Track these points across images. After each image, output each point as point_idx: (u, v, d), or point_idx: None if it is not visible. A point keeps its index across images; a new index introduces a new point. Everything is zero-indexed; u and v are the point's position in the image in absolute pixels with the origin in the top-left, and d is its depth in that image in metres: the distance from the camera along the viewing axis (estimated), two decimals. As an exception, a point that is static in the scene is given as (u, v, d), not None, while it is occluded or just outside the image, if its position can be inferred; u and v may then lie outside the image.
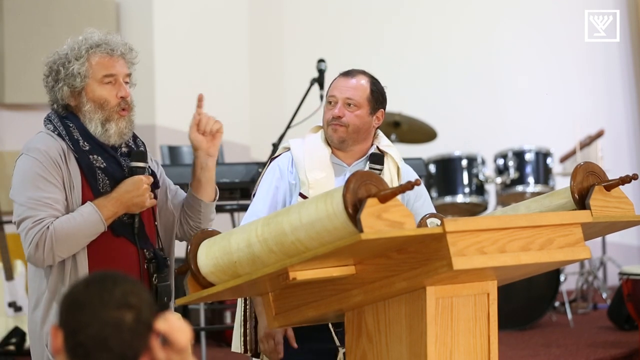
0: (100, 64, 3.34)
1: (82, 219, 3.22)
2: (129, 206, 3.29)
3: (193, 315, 6.49)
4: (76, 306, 2.00)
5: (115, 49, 3.37)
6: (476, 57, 9.04)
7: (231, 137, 8.01)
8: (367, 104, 3.71)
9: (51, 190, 3.23)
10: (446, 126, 8.23)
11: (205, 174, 3.47)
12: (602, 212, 3.35)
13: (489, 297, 3.04)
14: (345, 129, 3.69)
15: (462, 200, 7.40)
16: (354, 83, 3.72)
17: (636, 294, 5.85)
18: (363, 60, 8.68)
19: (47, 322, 3.27)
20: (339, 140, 3.70)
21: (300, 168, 3.69)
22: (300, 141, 3.78)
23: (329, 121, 3.71)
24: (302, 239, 2.84)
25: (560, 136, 8.36)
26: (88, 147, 3.31)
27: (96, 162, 3.30)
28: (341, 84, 3.73)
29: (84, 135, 3.31)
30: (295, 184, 3.70)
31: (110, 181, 3.31)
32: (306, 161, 3.69)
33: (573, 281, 7.88)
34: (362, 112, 3.70)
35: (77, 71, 3.31)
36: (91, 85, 3.32)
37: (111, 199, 3.27)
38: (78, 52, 3.32)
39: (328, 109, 3.73)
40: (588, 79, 9.24)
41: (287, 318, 3.15)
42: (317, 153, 3.72)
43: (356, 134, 3.71)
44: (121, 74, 3.38)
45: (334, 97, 3.72)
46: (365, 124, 3.71)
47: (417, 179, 3.08)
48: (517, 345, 6.37)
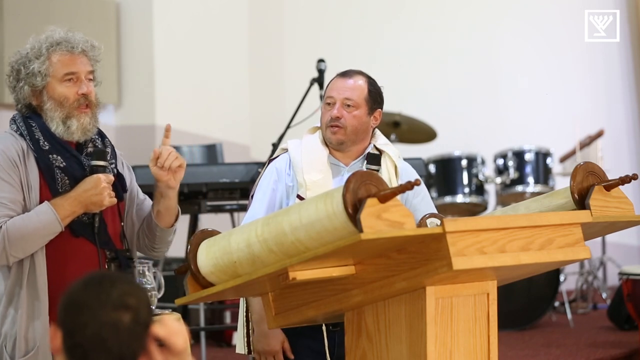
0: (60, 62, 3.30)
1: (37, 218, 3.19)
2: (87, 205, 3.25)
3: (193, 315, 6.49)
4: (74, 307, 1.99)
5: (76, 46, 3.33)
6: (476, 57, 9.04)
7: (231, 137, 8.01)
8: (365, 104, 3.71)
9: (7, 189, 3.21)
10: (446, 126, 8.23)
11: (165, 203, 3.42)
12: (602, 212, 3.35)
13: (488, 297, 3.04)
14: (343, 131, 3.68)
15: (462, 200, 7.40)
16: (352, 83, 3.72)
17: (636, 294, 5.84)
18: (363, 60, 8.71)
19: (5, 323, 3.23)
20: (338, 142, 3.70)
21: (298, 170, 3.69)
22: (298, 142, 3.77)
23: (328, 122, 3.70)
24: (302, 239, 2.84)
25: (560, 136, 8.36)
26: (48, 146, 3.28)
27: (55, 161, 3.27)
28: (339, 85, 3.72)
29: (45, 134, 3.28)
30: (293, 186, 3.70)
31: (70, 181, 3.28)
32: (304, 163, 3.69)
33: (573, 281, 7.88)
34: (360, 112, 3.70)
35: (37, 70, 3.28)
36: (52, 84, 3.29)
37: (68, 198, 3.23)
38: (38, 51, 3.30)
39: (326, 110, 3.73)
40: (588, 79, 9.24)
41: (287, 318, 3.15)
42: (315, 154, 3.71)
43: (355, 135, 3.71)
44: (83, 72, 3.33)
45: (332, 97, 3.71)
46: (363, 124, 3.71)
47: (417, 179, 3.07)
48: (517, 345, 6.37)
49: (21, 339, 3.19)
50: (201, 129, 7.85)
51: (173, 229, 3.49)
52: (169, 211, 3.44)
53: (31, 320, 3.22)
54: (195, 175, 5.64)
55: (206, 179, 5.61)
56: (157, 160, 3.35)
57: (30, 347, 3.21)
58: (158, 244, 3.48)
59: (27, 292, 3.21)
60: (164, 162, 3.34)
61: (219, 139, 7.51)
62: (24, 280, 3.21)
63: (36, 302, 3.22)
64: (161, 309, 3.90)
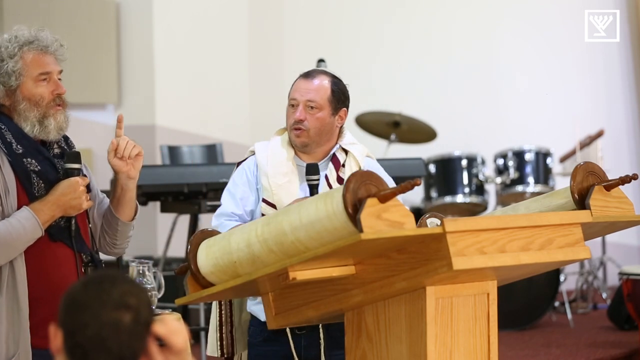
0: (34, 62, 3.26)
1: (19, 224, 3.15)
2: (66, 209, 3.22)
3: (193, 315, 6.49)
4: (74, 307, 1.99)
5: (50, 45, 3.30)
6: (476, 57, 9.03)
7: (231, 137, 8.01)
8: (328, 105, 3.67)
9: None
10: (446, 126, 8.22)
11: (126, 195, 3.39)
12: (602, 212, 3.35)
13: (489, 297, 3.04)
14: (307, 133, 3.66)
15: (462, 200, 7.40)
16: (315, 84, 3.68)
17: (636, 294, 5.85)
18: (363, 60, 8.71)
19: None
20: (302, 144, 3.68)
21: (262, 173, 3.68)
22: (265, 144, 3.75)
23: (292, 125, 3.68)
24: (302, 239, 2.84)
25: (560, 136, 8.36)
26: (22, 149, 3.23)
27: (30, 165, 3.23)
28: (302, 86, 3.70)
29: (17, 136, 3.24)
30: (259, 189, 3.69)
31: (45, 184, 3.24)
32: (269, 166, 3.67)
33: (573, 281, 7.88)
34: (324, 113, 3.66)
35: (11, 69, 3.23)
36: (26, 84, 3.25)
37: (47, 203, 3.19)
38: (12, 50, 3.25)
39: (290, 112, 3.70)
40: (588, 79, 9.23)
41: (287, 318, 3.15)
42: (280, 157, 3.69)
43: (318, 136, 3.68)
44: (55, 71, 3.30)
45: (295, 100, 3.69)
46: (327, 125, 3.68)
47: (417, 178, 3.07)
48: (517, 345, 6.37)
49: (2, 344, 3.15)
50: (201, 129, 7.85)
51: (133, 223, 3.46)
52: (130, 204, 3.41)
53: (11, 326, 3.17)
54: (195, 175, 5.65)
55: (206, 179, 5.61)
56: (115, 152, 3.33)
57: (11, 353, 3.17)
58: (119, 240, 3.44)
59: (7, 298, 3.16)
60: (122, 151, 3.33)
61: (219, 139, 7.52)
62: (3, 287, 3.16)
63: (16, 307, 3.17)
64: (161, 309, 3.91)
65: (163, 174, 5.30)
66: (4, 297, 3.17)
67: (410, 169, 5.34)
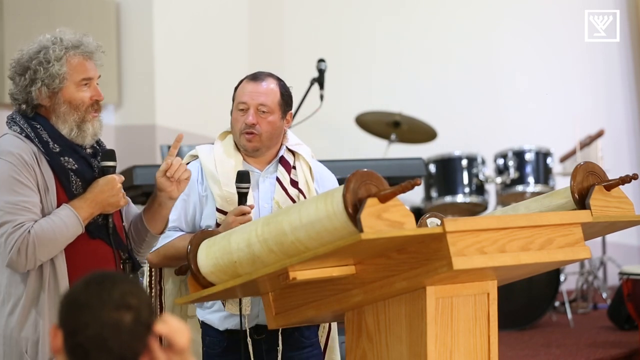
0: (79, 66, 3.31)
1: (61, 221, 3.19)
2: (104, 206, 3.26)
3: (193, 315, 6.48)
4: (75, 306, 1.99)
5: (94, 51, 3.36)
6: (476, 57, 9.03)
7: (231, 137, 8.00)
8: (278, 109, 3.65)
9: (28, 193, 3.20)
10: (446, 126, 8.22)
11: (162, 211, 3.42)
12: (602, 212, 3.35)
13: (489, 297, 3.05)
14: (259, 138, 3.62)
15: (462, 200, 7.40)
16: (265, 88, 3.66)
17: (636, 294, 5.84)
18: (363, 60, 8.71)
19: (25, 328, 3.21)
20: (253, 149, 3.64)
21: (213, 181, 3.61)
22: (209, 149, 3.70)
23: (242, 129, 3.64)
24: (302, 238, 2.84)
25: (560, 136, 8.36)
26: (59, 148, 3.27)
27: (68, 163, 3.27)
28: (251, 89, 3.67)
29: (53, 136, 3.27)
30: (207, 196, 3.62)
31: (82, 183, 3.28)
32: (220, 175, 3.60)
33: (573, 281, 7.88)
34: (275, 117, 3.64)
35: (57, 72, 3.27)
36: (69, 87, 3.29)
37: (86, 200, 3.24)
38: (58, 53, 3.29)
39: (238, 116, 3.66)
40: (588, 79, 9.23)
41: (287, 318, 3.15)
42: (229, 164, 3.63)
43: (269, 140, 3.64)
44: (95, 77, 3.36)
45: (245, 103, 3.65)
46: (277, 129, 3.65)
47: (417, 178, 3.06)
48: (517, 345, 6.36)
49: (45, 340, 3.18)
50: (201, 129, 7.84)
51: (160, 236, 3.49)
52: (163, 219, 3.44)
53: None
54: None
55: (206, 179, 5.59)
56: (166, 172, 3.36)
57: None
58: (143, 249, 3.48)
59: (49, 296, 3.20)
60: (173, 173, 3.36)
61: (219, 139, 7.50)
62: (45, 284, 3.20)
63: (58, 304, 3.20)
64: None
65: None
66: (46, 294, 3.21)
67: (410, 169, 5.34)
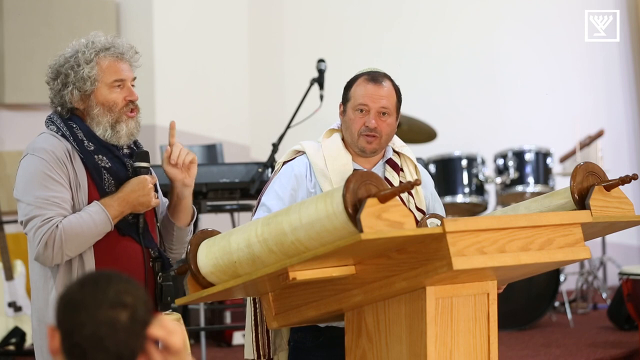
0: (110, 68, 3.35)
1: (90, 218, 3.23)
2: (134, 205, 3.31)
3: (193, 315, 6.49)
4: (71, 306, 1.99)
5: (125, 52, 3.40)
6: (476, 57, 9.04)
7: (231, 137, 8.01)
8: (395, 111, 3.57)
9: (59, 189, 3.24)
10: (446, 126, 8.23)
11: (182, 202, 3.47)
12: (602, 212, 3.35)
13: (488, 297, 3.04)
14: (379, 140, 3.54)
15: (462, 200, 7.41)
16: (385, 91, 3.57)
17: (636, 294, 5.84)
18: (363, 60, 8.70)
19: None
20: (372, 151, 3.57)
21: (324, 179, 3.54)
22: (317, 146, 3.62)
23: (362, 131, 3.54)
24: (302, 239, 2.84)
25: (560, 136, 8.37)
26: (93, 147, 3.31)
27: (101, 162, 3.32)
28: (373, 92, 3.56)
29: (88, 136, 3.32)
30: (315, 193, 3.53)
31: (115, 181, 3.32)
32: (331, 172, 3.54)
33: (573, 281, 7.89)
34: (393, 119, 3.57)
35: (87, 75, 3.32)
36: (101, 89, 3.34)
37: (117, 199, 3.28)
38: (88, 56, 3.33)
39: (357, 117, 3.55)
40: (588, 79, 9.24)
41: (287, 318, 3.15)
42: (339, 161, 3.57)
43: (387, 142, 3.60)
44: (129, 78, 3.40)
45: (366, 106, 3.54)
46: (394, 130, 3.61)
47: (416, 179, 3.07)
48: (517, 345, 6.37)
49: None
50: (201, 129, 7.84)
51: (190, 228, 3.53)
52: (186, 210, 3.48)
53: None
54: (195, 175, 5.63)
55: (206, 179, 5.60)
56: (169, 159, 3.40)
57: None
58: (175, 245, 3.51)
59: None
60: (176, 158, 3.41)
61: (219, 139, 7.51)
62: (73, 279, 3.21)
63: None
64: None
65: (163, 174, 5.29)
66: None
67: (410, 169, 5.34)
